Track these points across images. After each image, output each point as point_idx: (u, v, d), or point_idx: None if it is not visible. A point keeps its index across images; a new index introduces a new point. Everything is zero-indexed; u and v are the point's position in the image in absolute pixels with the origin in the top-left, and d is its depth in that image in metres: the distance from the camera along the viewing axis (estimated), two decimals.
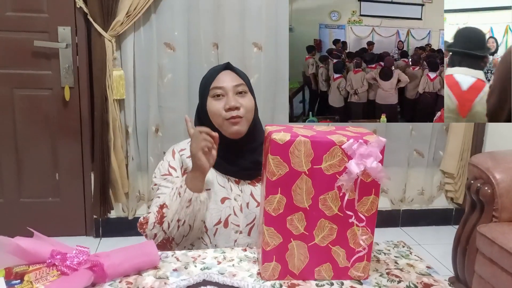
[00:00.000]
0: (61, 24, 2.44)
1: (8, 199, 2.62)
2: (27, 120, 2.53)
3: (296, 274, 0.99)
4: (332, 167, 0.93)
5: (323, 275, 1.00)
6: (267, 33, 2.57)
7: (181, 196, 1.17)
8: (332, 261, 0.99)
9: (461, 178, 2.93)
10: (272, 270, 0.98)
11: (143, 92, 2.57)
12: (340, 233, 0.97)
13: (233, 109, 1.24)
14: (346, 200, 0.95)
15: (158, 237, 1.21)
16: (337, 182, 0.94)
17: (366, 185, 0.95)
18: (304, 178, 0.93)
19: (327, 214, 0.96)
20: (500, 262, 1.79)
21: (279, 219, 0.95)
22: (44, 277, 0.89)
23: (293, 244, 0.97)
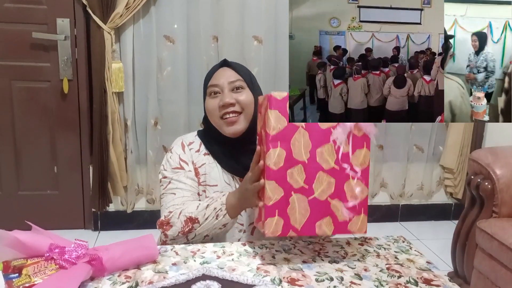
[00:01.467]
0: (59, 16, 2.43)
1: (7, 191, 2.61)
2: (25, 112, 2.52)
3: (298, 229, 1.01)
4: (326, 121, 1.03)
5: (324, 230, 1.02)
6: (267, 26, 2.56)
7: (218, 220, 1.15)
8: (331, 214, 1.02)
9: (460, 173, 2.93)
10: (275, 226, 0.99)
11: (142, 85, 2.55)
12: (337, 187, 1.02)
13: (228, 106, 1.22)
14: (341, 153, 1.01)
15: (177, 240, 1.19)
16: (331, 135, 1.01)
17: (358, 139, 1.03)
18: (301, 131, 1.00)
19: (324, 167, 1.01)
20: (500, 258, 1.79)
21: (279, 173, 0.99)
22: (43, 270, 0.88)
23: (294, 198, 1.00)
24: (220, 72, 1.28)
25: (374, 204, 2.98)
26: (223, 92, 1.24)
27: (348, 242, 1.18)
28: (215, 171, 1.28)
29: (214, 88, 1.26)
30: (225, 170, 1.28)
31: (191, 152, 1.30)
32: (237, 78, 1.26)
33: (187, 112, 2.59)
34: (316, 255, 1.09)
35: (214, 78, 1.27)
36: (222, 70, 1.28)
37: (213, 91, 1.26)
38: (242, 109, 1.24)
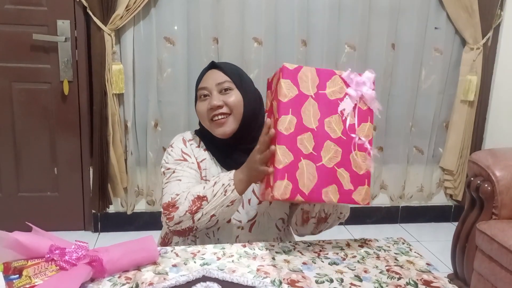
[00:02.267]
0: (60, 17, 2.43)
1: (7, 193, 2.61)
2: (25, 114, 2.52)
3: (305, 194, 1.03)
4: (335, 93, 1.08)
5: (330, 197, 1.05)
6: (267, 27, 2.56)
7: (226, 196, 1.14)
8: (337, 183, 1.06)
9: (460, 175, 2.93)
10: (284, 189, 1.02)
11: (143, 86, 2.56)
12: (344, 156, 1.07)
13: (216, 108, 1.23)
14: (348, 124, 1.08)
15: (183, 224, 1.15)
16: (339, 106, 1.07)
17: (363, 112, 1.10)
18: (311, 101, 1.06)
19: (332, 136, 1.06)
20: (499, 260, 1.79)
21: (290, 138, 1.04)
22: (43, 272, 0.89)
23: (303, 163, 1.04)
24: (208, 75, 1.28)
25: (374, 206, 2.98)
26: (211, 94, 1.25)
27: (348, 243, 1.18)
28: (214, 168, 1.29)
29: (203, 91, 1.27)
30: (224, 168, 1.29)
31: (192, 147, 1.31)
32: (225, 80, 1.26)
33: (187, 113, 2.59)
34: (316, 256, 1.09)
35: (203, 81, 1.28)
36: (210, 73, 1.29)
37: (202, 94, 1.27)
38: (230, 111, 1.24)
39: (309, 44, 2.64)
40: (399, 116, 2.84)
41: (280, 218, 1.35)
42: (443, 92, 2.87)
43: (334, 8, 2.61)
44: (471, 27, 2.72)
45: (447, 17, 2.75)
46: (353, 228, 2.88)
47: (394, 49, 2.74)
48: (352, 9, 2.63)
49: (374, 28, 2.69)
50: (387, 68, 2.75)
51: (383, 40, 2.71)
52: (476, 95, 2.80)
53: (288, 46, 2.61)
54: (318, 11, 2.60)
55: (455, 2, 2.68)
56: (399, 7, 2.69)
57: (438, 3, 2.73)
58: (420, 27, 2.73)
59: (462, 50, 2.83)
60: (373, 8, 2.66)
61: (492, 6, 2.72)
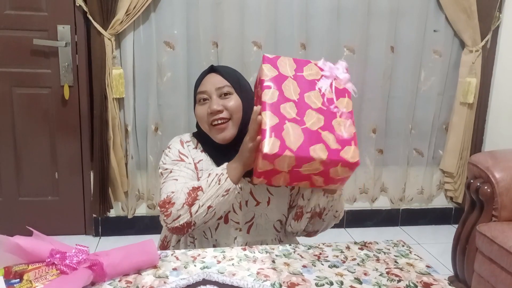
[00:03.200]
0: (60, 22, 2.44)
1: (7, 197, 2.61)
2: (26, 118, 2.53)
3: (294, 150, 1.06)
4: (311, 75, 1.18)
5: (318, 153, 1.07)
6: (266, 31, 2.57)
7: (220, 184, 1.15)
8: (324, 142, 1.09)
9: (460, 177, 2.93)
10: (272, 145, 1.06)
11: (143, 90, 2.56)
12: (326, 122, 1.12)
13: (216, 113, 1.24)
14: (326, 98, 1.15)
15: (181, 218, 1.16)
16: (316, 85, 1.16)
17: (340, 90, 1.18)
18: (290, 80, 1.16)
19: (313, 106, 1.13)
20: (500, 261, 1.80)
21: (274, 106, 1.11)
22: (44, 276, 0.89)
23: (288, 125, 1.09)
24: (207, 79, 1.29)
25: (374, 209, 2.98)
26: (211, 98, 1.26)
27: (348, 246, 1.18)
28: (211, 169, 1.29)
29: (202, 95, 1.28)
30: None
31: (189, 148, 1.32)
32: (225, 84, 1.26)
33: (188, 117, 2.60)
34: (316, 259, 1.10)
35: (202, 84, 1.29)
36: (210, 76, 1.29)
37: (201, 98, 1.28)
38: (230, 115, 1.25)
39: (308, 47, 2.65)
40: (398, 118, 2.84)
41: (278, 219, 1.35)
42: (442, 94, 2.88)
43: (333, 11, 2.61)
44: (470, 29, 2.73)
45: (446, 20, 2.76)
46: (354, 231, 2.88)
47: (393, 51, 2.75)
48: (351, 12, 2.64)
49: (373, 31, 2.70)
50: (387, 70, 2.75)
51: (382, 43, 2.71)
52: (475, 97, 2.80)
53: (288, 50, 2.62)
54: (317, 14, 2.61)
55: (454, 4, 2.69)
56: (398, 9, 2.69)
57: (437, 5, 2.74)
58: (419, 29, 2.74)
59: (461, 52, 2.83)
60: (372, 11, 2.67)
61: (491, 8, 2.73)
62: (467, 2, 2.67)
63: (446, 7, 2.71)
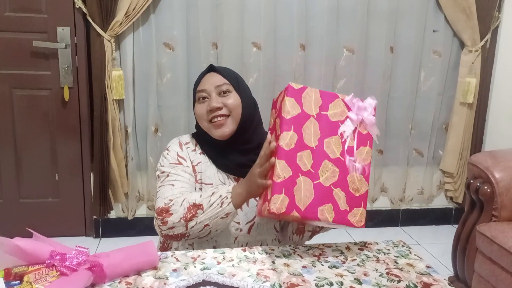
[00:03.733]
0: (60, 24, 2.44)
1: (8, 199, 2.61)
2: (26, 120, 2.53)
3: (301, 210, 1.04)
4: (336, 115, 1.11)
5: (325, 216, 1.06)
6: (266, 32, 2.57)
7: (222, 207, 1.15)
8: (333, 202, 1.07)
9: (460, 177, 2.93)
10: (281, 203, 1.03)
11: (143, 92, 2.57)
12: (341, 177, 1.09)
13: (215, 110, 1.25)
14: (347, 146, 1.10)
15: (176, 229, 1.16)
16: (340, 128, 1.10)
17: (363, 136, 1.13)
18: (312, 121, 1.09)
19: (330, 156, 1.09)
20: (500, 261, 1.80)
21: (290, 154, 1.06)
22: (44, 277, 0.89)
23: (301, 179, 1.05)
24: (207, 78, 1.31)
25: (374, 209, 2.98)
26: (210, 96, 1.27)
27: (348, 247, 1.18)
28: (210, 170, 1.30)
29: (201, 94, 1.29)
30: (220, 170, 1.30)
31: (188, 151, 1.32)
32: (224, 82, 1.28)
33: (187, 118, 2.60)
34: (316, 260, 1.10)
35: (201, 83, 1.31)
36: (209, 76, 1.31)
37: (201, 97, 1.29)
38: (229, 112, 1.26)
39: (308, 48, 2.65)
40: (398, 118, 2.84)
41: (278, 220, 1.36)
42: (442, 94, 2.88)
43: (332, 12, 2.62)
44: (470, 29, 2.73)
45: (445, 20, 2.76)
46: (354, 231, 2.88)
47: (393, 52, 2.75)
48: (350, 13, 2.64)
49: (373, 32, 2.70)
50: (386, 71, 2.75)
51: (381, 43, 2.71)
52: (475, 97, 2.80)
53: (287, 50, 2.62)
54: (316, 15, 2.61)
55: (453, 4, 2.69)
56: (397, 10, 2.70)
57: (436, 6, 2.74)
58: (418, 30, 2.74)
59: (460, 52, 2.83)
60: (372, 11, 2.67)
61: (490, 8, 2.73)
62: (466, 2, 2.67)
63: (446, 7, 2.71)
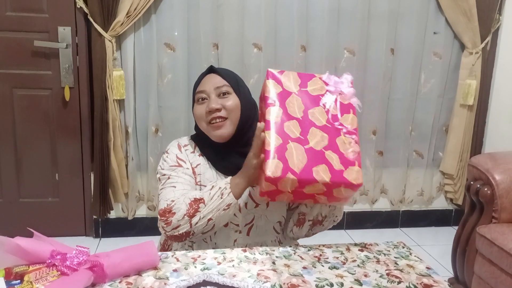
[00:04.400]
0: (61, 24, 2.44)
1: (8, 199, 2.61)
2: (27, 120, 2.53)
3: (297, 172, 1.06)
4: (316, 90, 1.17)
5: (321, 175, 1.07)
6: (266, 33, 2.58)
7: (223, 199, 1.16)
8: (327, 163, 1.09)
9: (460, 179, 2.93)
10: (275, 167, 1.05)
11: (143, 92, 2.57)
12: (330, 140, 1.11)
13: (214, 111, 1.25)
14: (331, 115, 1.14)
15: (180, 228, 1.16)
16: (321, 100, 1.15)
17: (344, 106, 1.17)
18: (294, 96, 1.15)
19: (317, 124, 1.13)
20: (500, 263, 1.80)
21: (278, 125, 1.10)
22: (44, 277, 0.89)
23: (291, 145, 1.09)
24: (206, 79, 1.31)
25: (374, 210, 2.98)
26: (209, 98, 1.27)
27: (348, 248, 1.18)
28: (209, 172, 1.30)
29: (201, 95, 1.29)
30: (219, 172, 1.30)
31: (187, 153, 1.32)
32: (223, 84, 1.28)
33: (188, 118, 2.60)
34: (316, 261, 1.10)
35: (201, 84, 1.31)
36: (209, 77, 1.31)
37: (200, 98, 1.29)
38: (228, 114, 1.26)
39: (308, 49, 2.65)
40: (398, 120, 2.85)
41: (277, 221, 1.35)
42: (442, 96, 2.88)
43: (333, 14, 2.62)
44: (470, 31, 2.73)
45: (446, 22, 2.76)
46: (354, 232, 2.88)
47: (393, 53, 2.75)
48: (351, 14, 2.65)
49: (373, 33, 2.70)
50: (387, 72, 2.75)
51: (382, 45, 2.72)
52: (475, 99, 2.81)
53: (288, 51, 2.62)
54: (317, 16, 2.62)
55: (453, 6, 2.69)
56: (398, 12, 2.70)
57: (437, 7, 2.74)
58: (419, 31, 2.74)
59: (461, 54, 2.84)
60: (372, 13, 2.67)
61: (491, 11, 2.74)
62: (467, 4, 2.67)
63: (446, 9, 2.72)
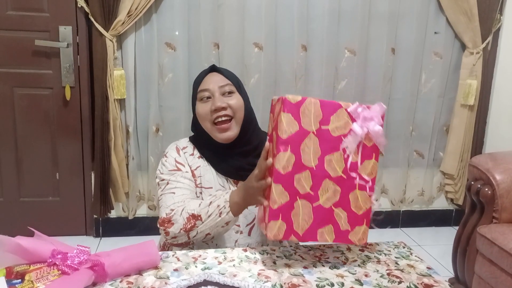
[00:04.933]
0: (62, 23, 2.44)
1: (8, 198, 2.62)
2: (27, 119, 2.53)
3: (300, 235, 1.02)
4: (338, 129, 1.01)
5: (325, 237, 1.03)
6: (267, 33, 2.58)
7: (221, 217, 1.14)
8: (334, 223, 1.03)
9: (461, 179, 2.93)
10: (278, 229, 1.00)
11: (144, 91, 2.57)
12: (343, 196, 1.03)
13: (220, 110, 1.24)
14: (350, 162, 1.02)
15: (179, 239, 1.18)
16: (342, 143, 1.01)
17: (368, 149, 1.04)
18: (312, 137, 1.00)
19: (331, 175, 1.02)
20: (500, 263, 1.80)
21: (287, 177, 0.99)
22: (45, 276, 0.89)
23: (299, 203, 1.01)
24: (209, 78, 1.30)
25: (375, 210, 2.98)
26: (214, 96, 1.27)
27: (349, 248, 1.18)
28: (209, 174, 1.30)
29: (205, 93, 1.28)
30: (219, 173, 1.30)
31: (186, 156, 1.32)
32: (227, 83, 1.28)
33: (188, 118, 2.60)
34: (317, 260, 1.10)
35: (204, 83, 1.30)
36: (211, 75, 1.31)
37: (204, 96, 1.28)
38: (233, 114, 1.26)
39: (309, 49, 2.65)
40: (399, 120, 2.85)
41: None
42: (443, 96, 2.88)
43: (333, 13, 2.62)
44: (471, 31, 2.73)
45: (447, 22, 2.76)
46: None
47: (394, 53, 2.75)
48: (351, 14, 2.65)
49: (374, 33, 2.70)
50: (387, 72, 2.75)
51: (383, 45, 2.72)
52: (476, 99, 2.81)
53: (288, 51, 2.62)
54: (317, 16, 2.62)
55: (454, 6, 2.69)
56: (398, 12, 2.70)
57: (438, 7, 2.74)
58: (419, 31, 2.74)
59: (461, 54, 2.84)
60: (373, 13, 2.67)
61: (492, 11, 2.73)
62: (467, 4, 2.67)
63: (447, 9, 2.71)
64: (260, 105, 2.61)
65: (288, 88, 2.64)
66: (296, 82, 2.65)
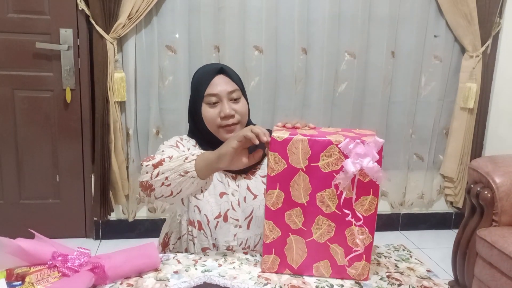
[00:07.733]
0: (62, 26, 2.45)
1: (9, 200, 2.62)
2: (28, 121, 2.54)
3: (294, 268, 1.01)
4: (329, 165, 0.96)
5: (321, 272, 1.02)
6: (267, 36, 2.58)
7: (184, 162, 1.09)
8: (330, 258, 1.01)
9: (461, 182, 2.93)
10: (272, 263, 1.01)
11: (144, 94, 2.57)
12: (338, 231, 0.99)
13: (229, 118, 1.26)
14: (344, 198, 0.97)
15: (145, 176, 1.14)
16: (334, 180, 0.96)
17: (364, 185, 0.97)
18: (301, 175, 0.96)
19: (324, 211, 0.98)
20: (500, 266, 1.80)
21: (277, 214, 0.99)
22: (45, 278, 0.89)
23: (292, 239, 1.00)
24: (217, 81, 1.29)
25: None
26: (222, 101, 1.28)
27: None
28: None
29: (213, 98, 1.28)
30: None
31: (189, 145, 1.35)
32: (235, 88, 1.29)
33: None
34: None
35: (212, 86, 1.29)
36: (220, 78, 1.30)
37: (211, 101, 1.28)
38: (239, 119, 1.28)
39: (309, 52, 2.66)
40: (399, 123, 2.85)
41: None
42: (443, 99, 2.88)
43: (334, 17, 2.62)
44: (470, 34, 2.74)
45: (447, 25, 2.76)
46: None
47: (394, 57, 2.75)
48: (352, 17, 2.65)
49: (374, 36, 2.71)
50: (387, 75, 2.76)
51: (383, 48, 2.72)
52: (475, 102, 2.81)
53: (289, 54, 2.63)
54: (318, 19, 2.62)
55: (454, 10, 2.70)
56: (398, 15, 2.70)
57: (437, 11, 2.75)
58: (419, 35, 2.74)
59: (461, 57, 2.84)
60: (373, 16, 2.68)
61: (491, 14, 2.74)
62: (467, 8, 2.68)
63: (447, 12, 2.72)
64: (260, 108, 2.62)
65: (288, 91, 2.65)
66: (296, 85, 2.66)
